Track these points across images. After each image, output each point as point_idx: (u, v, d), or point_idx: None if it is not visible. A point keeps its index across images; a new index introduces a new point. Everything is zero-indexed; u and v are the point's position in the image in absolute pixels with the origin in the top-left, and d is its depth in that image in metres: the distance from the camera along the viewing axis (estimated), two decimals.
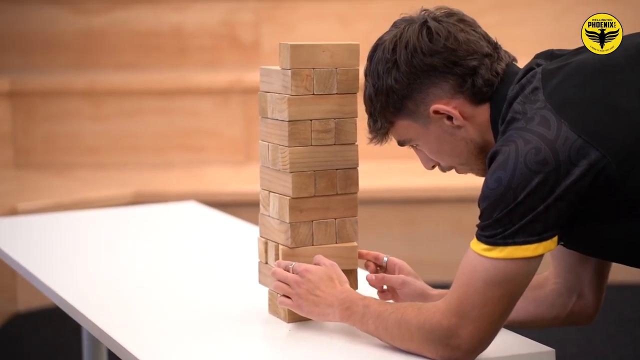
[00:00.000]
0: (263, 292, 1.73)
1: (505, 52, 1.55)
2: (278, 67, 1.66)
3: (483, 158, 1.54)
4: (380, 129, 1.57)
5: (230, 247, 2.24)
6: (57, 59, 4.80)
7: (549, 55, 1.53)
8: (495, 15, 4.72)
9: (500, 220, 1.39)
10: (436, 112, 1.51)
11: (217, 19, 4.83)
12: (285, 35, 4.80)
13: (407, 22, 1.54)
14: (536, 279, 1.69)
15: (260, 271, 1.74)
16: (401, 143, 1.60)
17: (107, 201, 3.90)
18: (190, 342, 1.59)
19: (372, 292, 1.71)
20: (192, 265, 2.09)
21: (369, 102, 1.56)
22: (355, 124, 1.68)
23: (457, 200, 3.89)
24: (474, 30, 1.52)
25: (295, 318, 1.65)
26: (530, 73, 1.48)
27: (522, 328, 1.62)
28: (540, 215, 1.38)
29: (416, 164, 1.63)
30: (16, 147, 4.46)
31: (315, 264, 1.61)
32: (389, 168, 4.18)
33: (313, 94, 1.64)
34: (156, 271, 2.04)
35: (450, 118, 1.52)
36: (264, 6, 4.85)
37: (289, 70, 1.62)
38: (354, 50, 1.66)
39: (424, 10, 1.55)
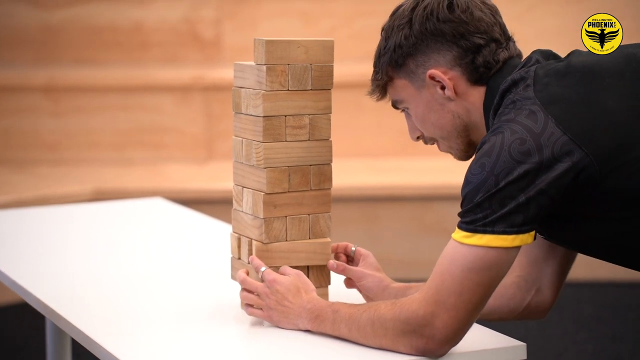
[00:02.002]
0: (234, 287, 1.73)
1: (515, 46, 1.59)
2: (252, 63, 1.66)
3: (464, 138, 1.59)
4: (379, 80, 1.60)
5: (198, 242, 2.23)
6: (15, 54, 4.73)
7: (548, 54, 1.57)
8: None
9: (480, 205, 1.41)
10: (432, 77, 1.56)
11: (179, 15, 4.80)
12: (247, 32, 4.79)
13: None
14: None
15: (232, 267, 1.73)
16: (394, 103, 1.64)
17: (67, 198, 3.86)
18: (158, 336, 1.58)
19: (343, 290, 1.72)
20: (161, 260, 2.08)
21: (377, 53, 1.61)
22: (330, 120, 1.68)
23: (420, 198, 3.91)
24: (492, 14, 1.56)
25: None
26: (524, 69, 1.52)
27: (480, 319, 1.65)
28: (521, 207, 1.41)
29: (379, 162, 1.67)
30: None
31: (281, 274, 1.62)
32: (352, 166, 4.20)
33: (288, 90, 1.64)
34: (124, 266, 2.03)
35: (443, 88, 1.56)
36: (226, 3, 4.83)
37: (264, 66, 1.62)
38: (328, 46, 1.66)
39: None
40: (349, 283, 1.73)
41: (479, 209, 1.42)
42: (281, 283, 1.59)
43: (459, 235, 1.44)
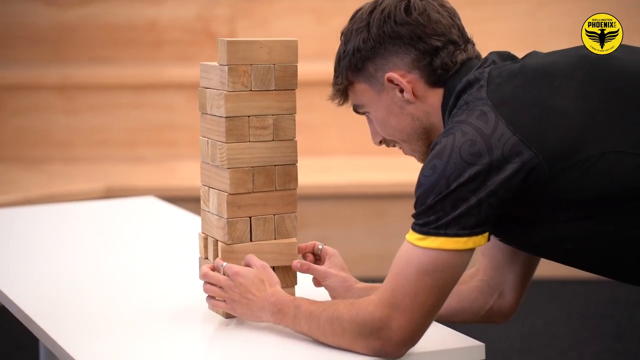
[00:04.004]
0: (201, 288, 1.73)
1: (474, 49, 1.58)
2: (216, 64, 1.66)
3: (424, 141, 1.59)
4: (339, 85, 1.60)
5: (181, 242, 2.23)
6: (29, 52, 4.79)
7: (505, 56, 1.56)
8: (472, 11, 4.72)
9: (433, 207, 1.41)
10: (390, 80, 1.55)
11: (192, 13, 4.82)
12: (260, 30, 4.80)
13: None
14: (463, 274, 1.70)
15: (200, 267, 1.74)
16: (355, 108, 1.63)
17: (77, 195, 3.89)
18: (123, 336, 1.59)
19: (310, 290, 1.72)
20: (138, 260, 2.09)
21: (337, 57, 1.61)
22: (294, 120, 1.68)
23: None
24: (450, 17, 1.56)
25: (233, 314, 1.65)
26: (479, 70, 1.51)
27: (442, 321, 1.64)
28: (473, 209, 1.40)
29: (385, 159, 1.65)
30: None
31: (246, 264, 1.62)
32: (359, 163, 4.19)
33: (250, 90, 1.64)
34: (100, 266, 2.04)
35: (402, 91, 1.55)
36: (239, 1, 4.84)
37: (226, 67, 1.62)
38: (292, 46, 1.66)
39: None
40: (317, 282, 1.73)
41: (431, 211, 1.41)
42: (244, 276, 1.58)
43: (412, 237, 1.44)
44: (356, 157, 4.23)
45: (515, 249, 1.64)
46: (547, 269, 2.39)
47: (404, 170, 4.14)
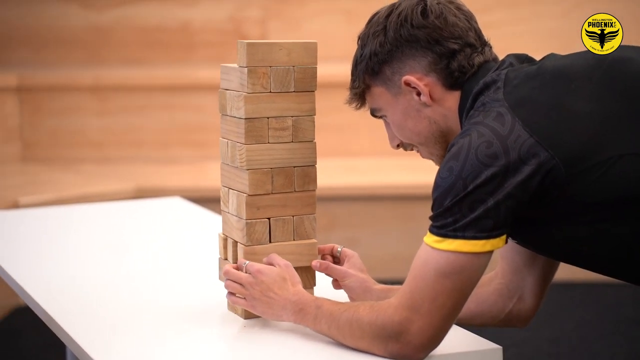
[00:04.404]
0: (223, 289, 1.74)
1: (491, 51, 1.58)
2: (236, 65, 1.67)
3: (442, 144, 1.58)
4: (357, 88, 1.61)
5: (203, 243, 2.25)
6: (65, 54, 4.85)
7: (522, 58, 1.56)
8: (507, 12, 4.70)
9: (450, 209, 1.40)
10: (407, 83, 1.55)
11: (224, 15, 4.85)
12: (292, 31, 4.81)
13: None
14: (482, 277, 1.69)
15: (220, 267, 1.75)
16: (372, 111, 1.63)
17: (109, 196, 3.92)
18: (142, 336, 1.60)
19: (329, 291, 1.72)
20: (161, 260, 2.11)
21: (354, 61, 1.62)
22: (313, 121, 1.68)
23: None
24: (467, 20, 1.56)
25: (252, 315, 1.66)
26: (497, 72, 1.51)
27: (461, 325, 1.63)
28: (490, 211, 1.39)
29: (415, 161, 1.62)
30: (23, 142, 4.51)
31: (269, 263, 1.62)
32: (389, 164, 4.19)
33: (270, 92, 1.64)
34: (124, 267, 2.06)
35: (419, 94, 1.55)
36: (271, 2, 4.86)
37: (246, 68, 1.63)
38: (311, 48, 1.66)
39: None
40: (336, 284, 1.73)
41: (449, 213, 1.41)
42: (266, 274, 1.59)
43: (430, 239, 1.43)
44: (386, 158, 4.22)
45: (534, 253, 1.63)
46: (578, 272, 2.37)
47: (434, 171, 4.13)
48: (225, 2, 4.85)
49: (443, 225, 1.41)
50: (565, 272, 2.39)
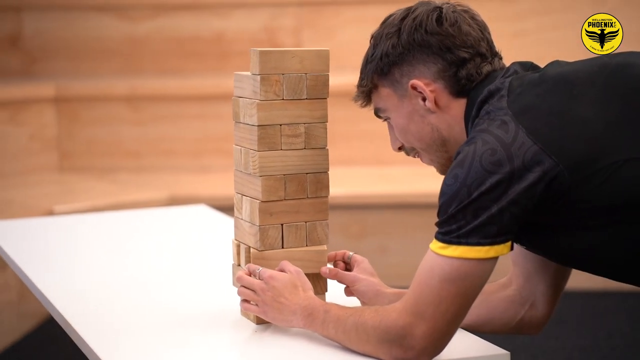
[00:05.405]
0: (235, 294, 1.76)
1: (501, 62, 1.58)
2: (249, 73, 1.69)
3: (442, 152, 1.60)
4: (364, 87, 1.62)
5: (221, 250, 2.26)
6: (101, 64, 4.92)
7: (527, 66, 1.56)
8: (538, 19, 4.68)
9: (454, 216, 1.41)
10: (414, 87, 1.56)
11: (259, 25, 4.89)
12: (325, 40, 4.83)
13: (427, 3, 1.60)
14: (493, 284, 1.69)
15: (233, 273, 1.77)
16: (376, 112, 1.65)
17: (142, 204, 3.96)
18: (159, 342, 1.62)
19: (340, 298, 1.73)
20: (177, 267, 2.13)
21: (364, 59, 1.63)
22: (326, 128, 1.70)
23: None
24: (480, 30, 1.57)
25: (264, 320, 1.67)
26: (500, 80, 1.51)
27: (472, 331, 1.63)
28: (494, 218, 1.40)
29: None
30: (61, 151, 4.57)
31: (280, 270, 1.64)
32: (420, 173, 4.18)
33: (282, 99, 1.66)
34: (144, 273, 2.09)
35: (424, 99, 1.56)
36: (305, 11, 4.89)
37: (258, 76, 1.65)
38: (323, 56, 1.68)
39: (447, 2, 1.61)
40: (348, 291, 1.74)
41: (453, 220, 1.41)
42: (278, 280, 1.60)
43: (435, 245, 1.44)
44: (417, 167, 4.19)
45: (545, 259, 1.63)
46: (608, 280, 2.35)
47: None
48: (260, 12, 4.89)
49: (448, 232, 1.42)
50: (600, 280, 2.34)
